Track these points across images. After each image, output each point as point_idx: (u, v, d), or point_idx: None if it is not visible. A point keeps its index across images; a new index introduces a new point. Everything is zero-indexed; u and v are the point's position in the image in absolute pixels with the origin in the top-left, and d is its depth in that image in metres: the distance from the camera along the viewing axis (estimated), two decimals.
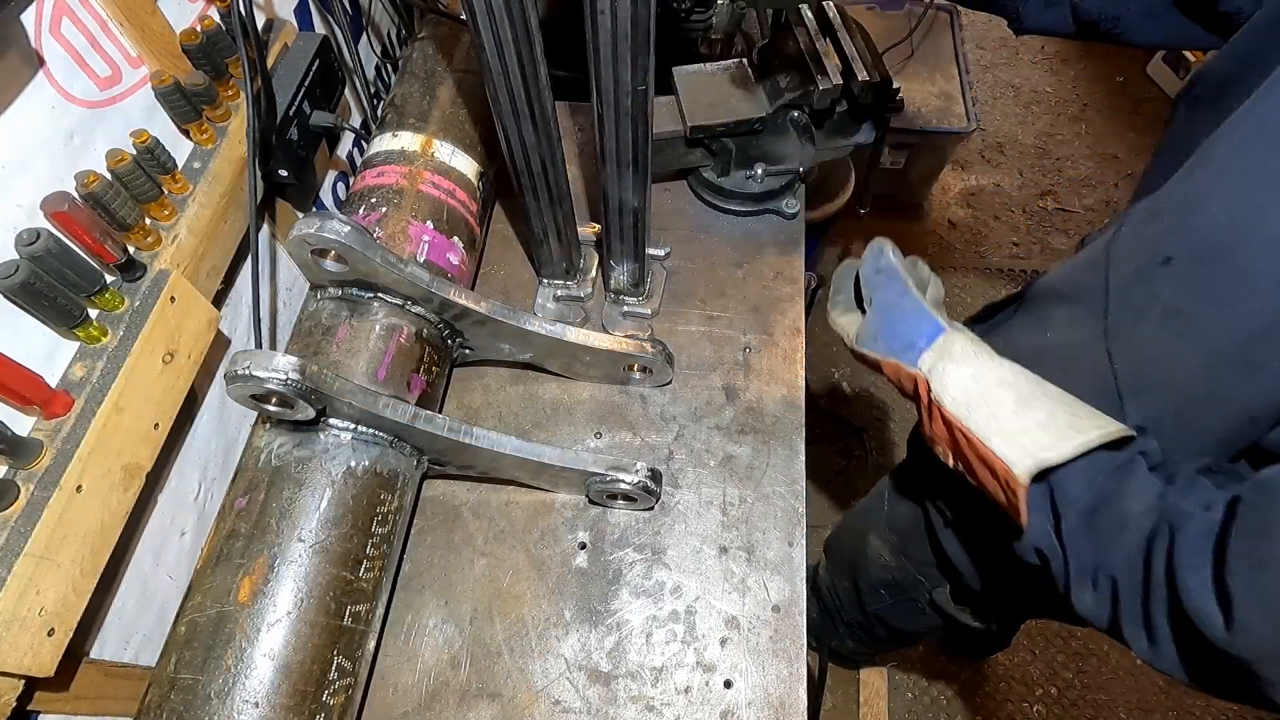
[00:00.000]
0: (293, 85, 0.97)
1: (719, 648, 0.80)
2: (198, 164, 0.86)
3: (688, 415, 0.94)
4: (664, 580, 0.84)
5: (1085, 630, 1.94)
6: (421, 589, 0.84)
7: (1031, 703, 1.85)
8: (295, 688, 0.65)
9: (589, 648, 0.80)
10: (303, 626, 0.66)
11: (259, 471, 0.72)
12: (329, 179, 1.23)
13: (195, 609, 0.67)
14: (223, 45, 0.87)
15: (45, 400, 0.67)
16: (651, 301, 1.00)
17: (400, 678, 0.79)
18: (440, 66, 1.03)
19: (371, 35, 1.33)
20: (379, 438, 0.75)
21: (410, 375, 0.81)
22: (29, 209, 0.67)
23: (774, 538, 0.85)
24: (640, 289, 0.99)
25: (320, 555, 0.69)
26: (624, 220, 0.85)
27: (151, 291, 0.76)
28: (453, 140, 0.97)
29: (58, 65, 0.71)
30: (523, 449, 0.79)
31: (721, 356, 0.98)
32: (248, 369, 0.63)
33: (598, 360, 0.90)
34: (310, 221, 0.70)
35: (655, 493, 0.82)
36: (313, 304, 0.82)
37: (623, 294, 1.00)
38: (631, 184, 0.79)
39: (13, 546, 0.61)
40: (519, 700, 0.78)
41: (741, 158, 1.05)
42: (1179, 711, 1.84)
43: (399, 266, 0.76)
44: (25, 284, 0.63)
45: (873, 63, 0.94)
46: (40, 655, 0.63)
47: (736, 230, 1.09)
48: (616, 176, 0.78)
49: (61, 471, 0.65)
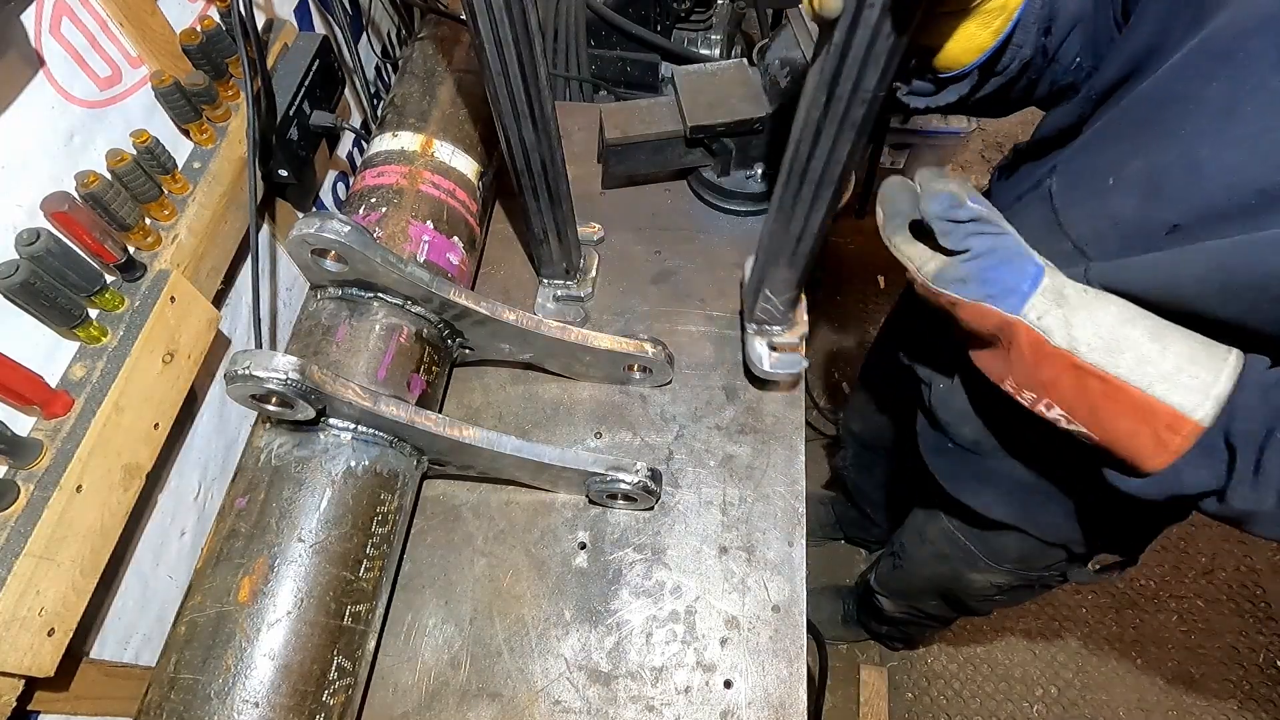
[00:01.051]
0: (293, 85, 0.97)
1: (719, 648, 0.80)
2: (198, 164, 0.86)
3: (688, 415, 0.94)
4: (664, 580, 0.84)
5: (1085, 630, 1.94)
6: (421, 589, 0.84)
7: (1031, 703, 1.85)
8: (295, 688, 0.65)
9: (589, 648, 0.80)
10: (303, 626, 0.66)
11: (259, 471, 0.72)
12: (329, 179, 1.24)
13: (195, 609, 0.67)
14: (223, 45, 0.87)
15: (45, 400, 0.67)
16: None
17: (400, 678, 0.79)
18: (440, 66, 1.03)
19: (371, 35, 1.33)
20: (379, 438, 0.75)
21: (410, 375, 0.81)
22: (29, 209, 0.67)
23: (774, 538, 0.85)
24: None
25: (320, 555, 0.69)
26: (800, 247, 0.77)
27: (151, 291, 0.76)
28: (453, 140, 0.97)
29: (58, 65, 0.71)
30: (523, 449, 0.79)
31: (721, 356, 0.98)
32: (248, 369, 0.63)
33: (598, 360, 0.90)
34: (310, 221, 0.70)
35: (655, 493, 0.82)
36: (313, 304, 0.82)
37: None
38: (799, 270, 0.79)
39: (13, 546, 0.61)
40: (519, 700, 0.78)
41: (741, 158, 1.05)
42: (1179, 711, 1.84)
43: (399, 266, 0.76)
44: (25, 284, 0.63)
45: None
46: (40, 655, 0.63)
47: (736, 230, 1.09)
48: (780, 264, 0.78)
49: (61, 471, 0.65)
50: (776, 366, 0.89)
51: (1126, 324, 0.58)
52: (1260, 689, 1.86)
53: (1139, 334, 0.58)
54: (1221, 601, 1.99)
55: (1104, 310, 0.59)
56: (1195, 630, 1.95)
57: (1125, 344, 0.58)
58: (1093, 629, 1.95)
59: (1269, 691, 1.86)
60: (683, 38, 1.62)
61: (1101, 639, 1.93)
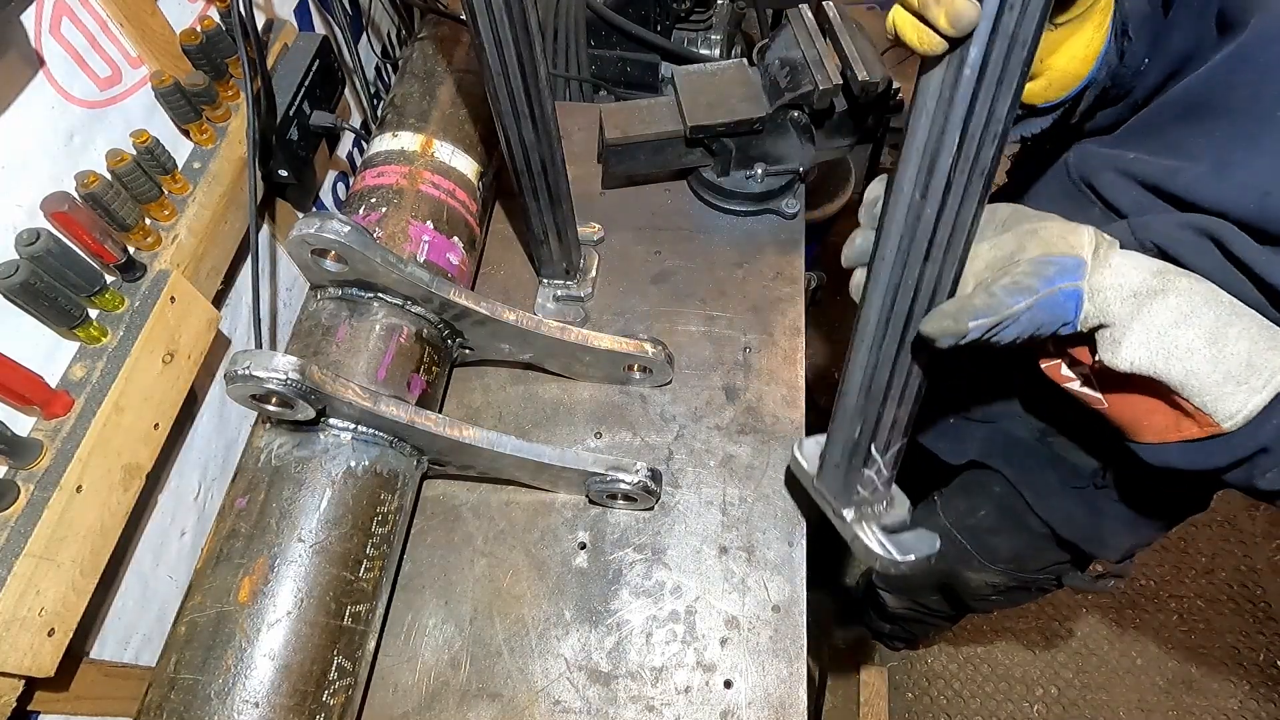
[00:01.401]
0: (293, 85, 0.97)
1: (719, 648, 0.80)
2: (198, 164, 0.86)
3: (688, 415, 0.94)
4: (664, 580, 0.84)
5: (1085, 630, 1.94)
6: (421, 589, 0.84)
7: (1031, 703, 1.85)
8: (295, 688, 0.65)
9: (589, 648, 0.80)
10: (303, 626, 0.66)
11: (259, 471, 0.72)
12: (329, 179, 1.24)
13: (195, 609, 0.67)
14: (223, 45, 0.87)
15: (45, 400, 0.67)
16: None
17: (400, 678, 0.79)
18: (440, 66, 1.03)
19: (371, 35, 1.33)
20: (379, 438, 0.75)
21: (410, 375, 0.81)
22: (29, 209, 0.67)
23: (774, 538, 0.85)
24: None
25: (320, 555, 0.69)
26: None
27: (151, 291, 0.76)
28: (453, 140, 0.97)
29: (58, 65, 0.71)
30: (523, 449, 0.79)
31: (721, 356, 0.98)
32: (248, 369, 0.63)
33: (598, 360, 0.90)
34: (310, 221, 0.70)
35: (655, 493, 0.82)
36: (313, 304, 0.82)
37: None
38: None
39: (13, 547, 0.61)
40: (519, 700, 0.78)
41: (741, 158, 1.05)
42: (1179, 711, 1.84)
43: (399, 266, 0.76)
44: (25, 284, 0.63)
45: (873, 63, 0.94)
46: (40, 655, 0.63)
47: (736, 230, 1.09)
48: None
49: (61, 472, 0.65)
50: (911, 549, 0.66)
51: (1182, 323, 0.53)
52: (1260, 689, 1.86)
53: (1194, 337, 0.53)
54: (1221, 601, 1.99)
55: (1161, 309, 0.54)
56: (1195, 630, 1.95)
57: (1176, 353, 0.54)
58: (1093, 629, 1.95)
59: (1269, 691, 1.86)
60: (683, 38, 1.62)
61: (1101, 639, 1.94)
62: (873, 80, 0.92)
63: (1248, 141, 0.59)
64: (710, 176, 1.08)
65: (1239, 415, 0.53)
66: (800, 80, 0.96)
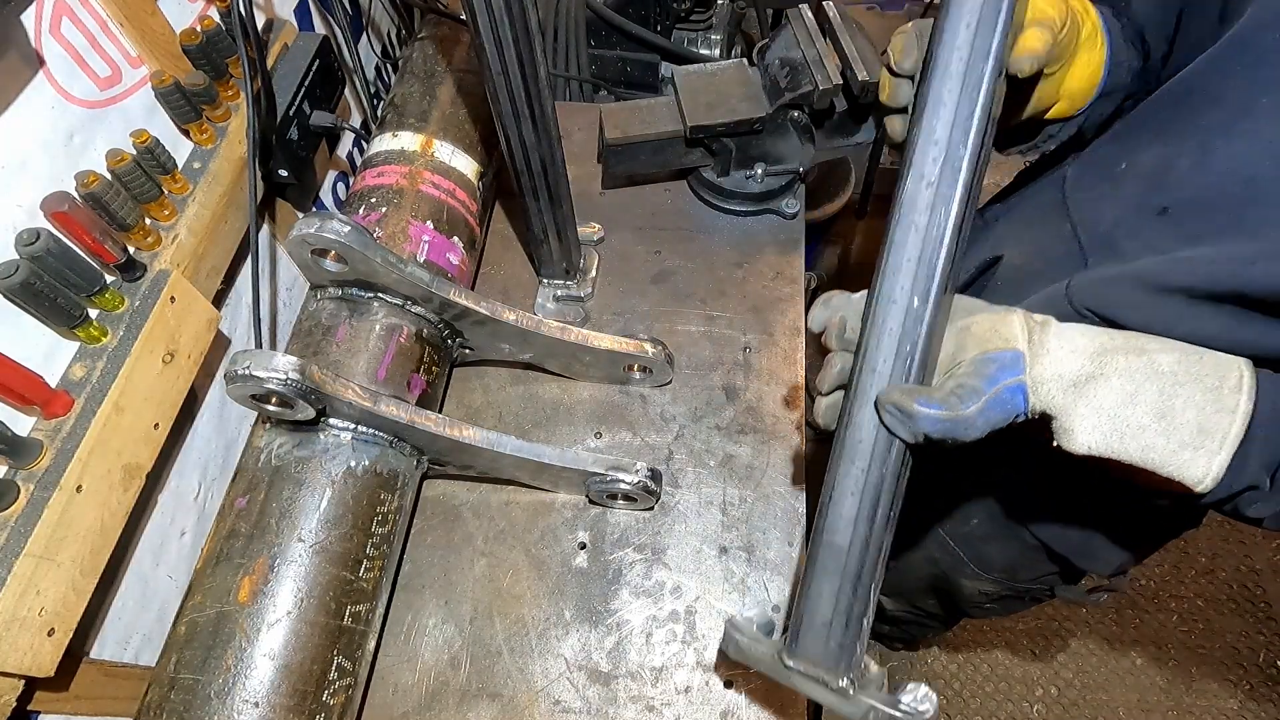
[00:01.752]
0: (293, 85, 0.97)
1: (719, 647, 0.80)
2: (198, 164, 0.86)
3: (688, 415, 0.94)
4: (664, 580, 0.84)
5: (1085, 630, 1.94)
6: (421, 589, 0.84)
7: (1031, 703, 1.85)
8: (295, 688, 0.65)
9: (589, 648, 0.80)
10: (303, 626, 0.66)
11: (259, 471, 0.72)
12: (329, 179, 1.23)
13: (195, 609, 0.67)
14: (223, 45, 0.87)
15: (45, 400, 0.67)
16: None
17: (400, 678, 0.79)
18: (440, 66, 1.03)
19: (371, 35, 1.33)
20: (379, 438, 0.75)
21: (410, 375, 0.81)
22: (29, 209, 0.67)
23: (774, 538, 0.85)
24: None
25: (320, 555, 0.69)
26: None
27: (151, 291, 0.76)
28: (453, 140, 0.97)
29: (58, 65, 0.71)
30: (522, 449, 0.79)
31: (721, 356, 0.98)
32: (248, 369, 0.63)
33: (598, 360, 0.90)
34: (310, 221, 0.70)
35: (655, 493, 0.82)
36: (313, 304, 0.82)
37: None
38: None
39: (13, 546, 0.61)
40: (519, 700, 0.78)
41: (741, 158, 1.05)
42: (1179, 711, 1.84)
43: (399, 266, 0.76)
44: (25, 284, 0.63)
45: (873, 62, 0.94)
46: (40, 655, 0.63)
47: (736, 230, 1.09)
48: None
49: (61, 471, 0.65)
50: (926, 697, 0.53)
51: (1128, 404, 0.55)
52: (1260, 689, 1.86)
53: (1142, 415, 0.54)
54: (1221, 601, 1.99)
55: (1105, 392, 0.55)
56: (1195, 630, 1.95)
57: (1129, 432, 0.55)
58: (1093, 629, 1.95)
59: (1269, 691, 1.86)
60: (683, 38, 1.62)
61: (1101, 639, 1.93)
62: (873, 80, 0.92)
63: (1231, 127, 0.60)
64: (710, 176, 1.08)
65: (1208, 478, 0.54)
66: (800, 80, 0.96)
